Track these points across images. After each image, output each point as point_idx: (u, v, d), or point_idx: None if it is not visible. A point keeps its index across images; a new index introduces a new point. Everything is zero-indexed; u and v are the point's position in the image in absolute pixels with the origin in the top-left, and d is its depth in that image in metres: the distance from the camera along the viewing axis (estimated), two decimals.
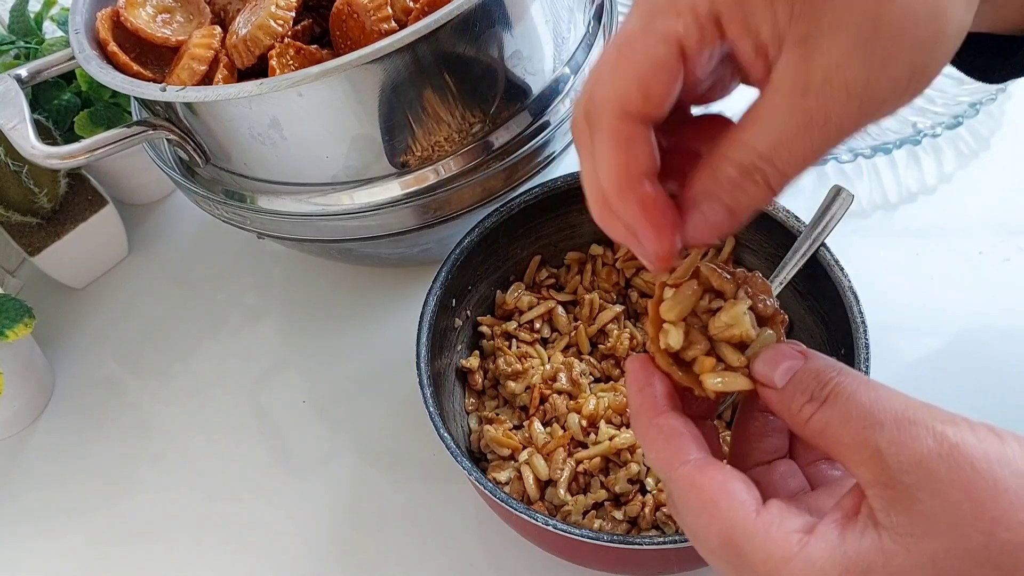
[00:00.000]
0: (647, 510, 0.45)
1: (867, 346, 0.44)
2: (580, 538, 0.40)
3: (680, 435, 0.29)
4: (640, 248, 0.28)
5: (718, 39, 0.25)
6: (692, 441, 0.28)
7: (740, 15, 0.24)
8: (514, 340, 0.54)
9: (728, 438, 0.41)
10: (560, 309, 0.55)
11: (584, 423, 0.49)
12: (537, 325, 0.55)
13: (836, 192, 0.46)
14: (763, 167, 0.25)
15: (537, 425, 0.50)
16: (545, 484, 0.48)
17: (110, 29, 0.52)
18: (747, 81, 0.26)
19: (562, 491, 0.47)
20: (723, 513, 0.26)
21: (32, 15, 0.65)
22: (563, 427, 0.49)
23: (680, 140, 0.29)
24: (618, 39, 0.26)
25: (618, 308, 0.54)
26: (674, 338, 0.30)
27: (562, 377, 0.51)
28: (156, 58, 0.54)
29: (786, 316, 0.31)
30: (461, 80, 0.47)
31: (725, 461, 0.30)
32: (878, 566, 0.24)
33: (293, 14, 0.50)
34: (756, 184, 0.25)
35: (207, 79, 0.51)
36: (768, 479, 0.31)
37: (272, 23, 0.49)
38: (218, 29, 0.52)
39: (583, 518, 0.46)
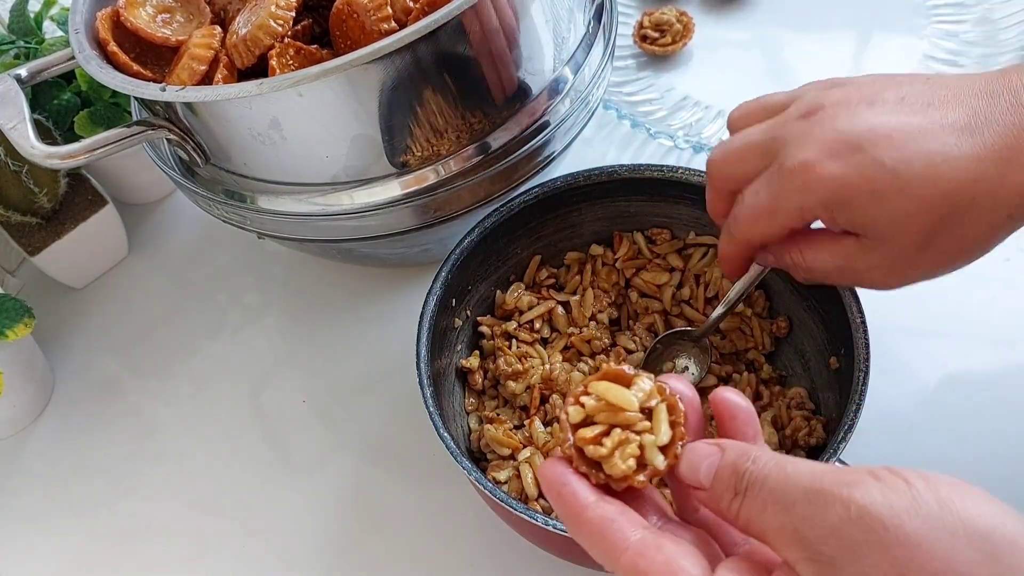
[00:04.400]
0: None
1: (867, 346, 0.44)
2: None
3: (612, 522, 0.28)
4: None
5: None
6: (628, 523, 0.28)
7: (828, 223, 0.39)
8: (514, 340, 0.54)
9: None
10: (560, 309, 0.55)
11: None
12: (537, 325, 0.55)
13: None
14: None
15: (538, 424, 0.50)
16: None
17: (110, 29, 0.52)
18: None
19: None
20: None
21: (32, 15, 0.65)
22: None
23: None
24: (756, 208, 0.39)
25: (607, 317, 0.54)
26: (573, 413, 0.30)
27: (562, 378, 0.51)
28: (156, 58, 0.54)
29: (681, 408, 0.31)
30: (461, 80, 0.47)
31: (674, 510, 0.31)
32: None
33: (293, 14, 0.50)
34: None
35: (207, 79, 0.51)
36: (719, 522, 0.31)
37: (272, 23, 0.49)
38: (218, 29, 0.52)
39: None
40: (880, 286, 0.39)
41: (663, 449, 0.30)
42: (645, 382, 0.31)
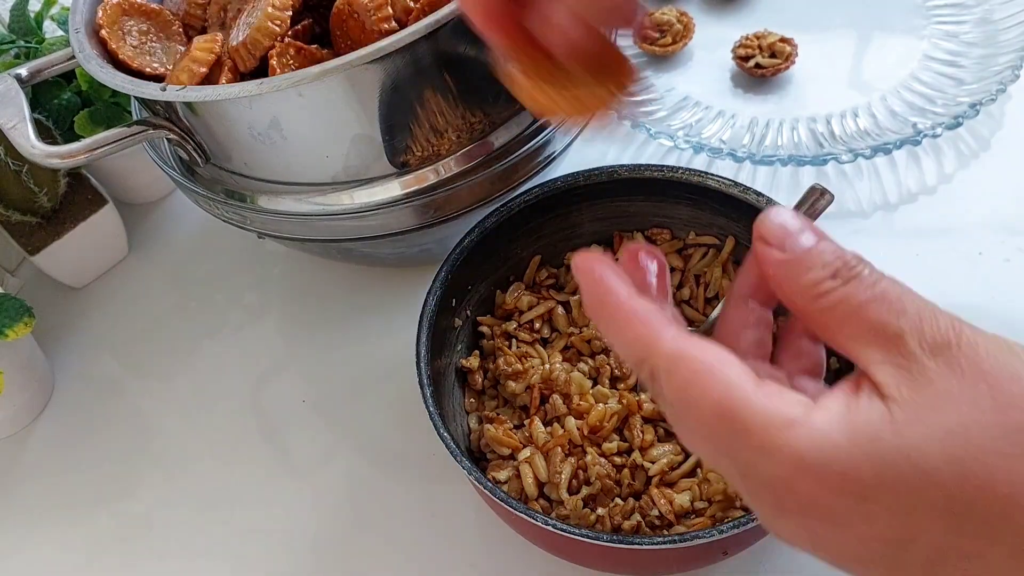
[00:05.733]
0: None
1: None
2: (580, 538, 0.40)
3: (657, 312, 0.26)
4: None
5: None
6: (671, 320, 0.26)
7: None
8: (514, 340, 0.54)
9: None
10: (560, 309, 0.55)
11: (586, 430, 0.49)
12: (537, 325, 0.55)
13: (819, 193, 0.41)
14: None
15: (538, 424, 0.50)
16: (543, 483, 0.48)
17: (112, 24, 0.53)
18: None
19: (564, 493, 0.47)
20: (719, 380, 0.24)
21: (32, 14, 0.65)
22: (563, 427, 0.49)
23: None
24: None
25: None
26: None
27: (561, 378, 0.51)
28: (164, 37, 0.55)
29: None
30: (461, 80, 0.47)
31: None
32: (886, 433, 0.23)
33: (290, 13, 0.50)
34: None
35: (209, 81, 0.51)
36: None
37: (270, 24, 0.49)
38: (219, 35, 0.52)
39: (582, 508, 0.46)
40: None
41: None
42: None
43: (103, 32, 0.52)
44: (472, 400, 0.53)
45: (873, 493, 0.23)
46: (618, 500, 0.47)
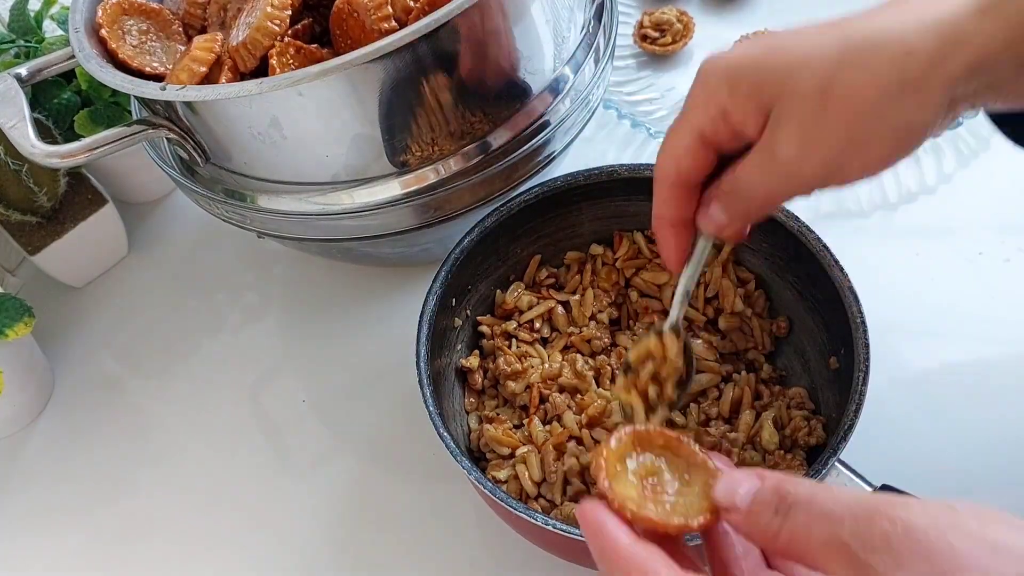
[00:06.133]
0: None
1: (867, 346, 0.44)
2: (579, 538, 0.40)
3: (652, 558, 0.30)
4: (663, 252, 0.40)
5: (726, 127, 0.35)
6: (664, 566, 0.29)
7: (739, 114, 0.35)
8: (514, 340, 0.54)
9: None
10: (560, 309, 0.55)
11: (585, 420, 0.49)
12: (537, 325, 0.55)
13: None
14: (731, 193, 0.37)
15: (537, 423, 0.50)
16: (541, 482, 0.48)
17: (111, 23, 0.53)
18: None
19: (557, 495, 0.47)
20: None
21: (32, 14, 0.65)
22: (562, 425, 0.49)
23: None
24: (672, 123, 0.37)
25: (606, 317, 0.54)
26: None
27: (567, 372, 0.51)
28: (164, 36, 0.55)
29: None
30: (461, 80, 0.47)
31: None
32: None
33: (289, 12, 0.50)
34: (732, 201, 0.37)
35: (209, 81, 0.51)
36: None
37: (269, 24, 0.49)
38: (219, 35, 0.52)
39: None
40: (804, 173, 0.35)
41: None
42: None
43: (103, 31, 0.52)
44: (472, 400, 0.53)
45: None
46: None
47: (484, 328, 0.55)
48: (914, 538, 0.26)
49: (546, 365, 0.53)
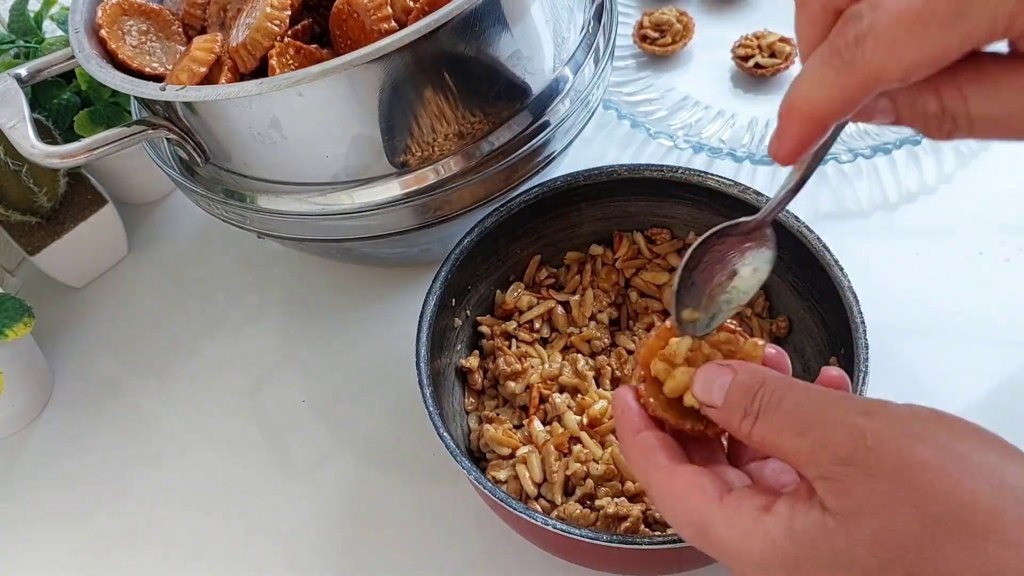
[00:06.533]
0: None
1: (867, 346, 0.44)
2: (579, 538, 0.40)
3: (653, 447, 0.33)
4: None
5: None
6: (664, 452, 0.33)
7: None
8: (514, 340, 0.54)
9: None
10: (560, 309, 0.55)
11: (586, 421, 0.49)
12: (537, 325, 0.55)
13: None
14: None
15: (537, 424, 0.50)
16: (541, 483, 0.48)
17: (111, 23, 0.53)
18: None
19: (558, 495, 0.47)
20: (692, 504, 0.30)
21: (32, 14, 0.65)
22: (563, 425, 0.49)
23: None
24: None
25: (606, 316, 0.54)
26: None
27: (567, 372, 0.51)
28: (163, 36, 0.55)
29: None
30: (461, 80, 0.47)
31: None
32: (820, 539, 0.27)
33: (288, 13, 0.50)
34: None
35: (209, 82, 0.51)
36: (761, 474, 0.34)
37: (269, 24, 0.49)
38: (219, 35, 0.52)
39: (578, 510, 0.46)
40: None
41: None
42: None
43: (103, 32, 0.52)
44: (472, 400, 0.53)
45: None
46: (618, 499, 0.47)
47: (484, 328, 0.55)
48: (881, 453, 0.26)
49: (546, 365, 0.53)
